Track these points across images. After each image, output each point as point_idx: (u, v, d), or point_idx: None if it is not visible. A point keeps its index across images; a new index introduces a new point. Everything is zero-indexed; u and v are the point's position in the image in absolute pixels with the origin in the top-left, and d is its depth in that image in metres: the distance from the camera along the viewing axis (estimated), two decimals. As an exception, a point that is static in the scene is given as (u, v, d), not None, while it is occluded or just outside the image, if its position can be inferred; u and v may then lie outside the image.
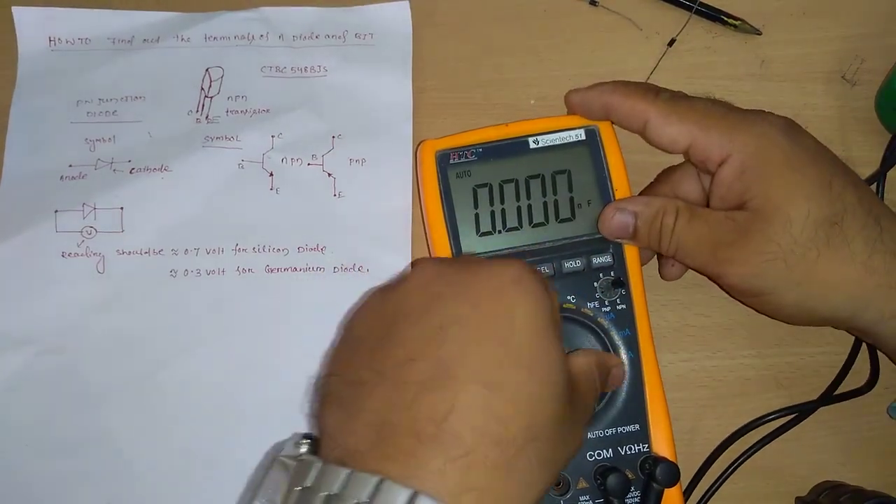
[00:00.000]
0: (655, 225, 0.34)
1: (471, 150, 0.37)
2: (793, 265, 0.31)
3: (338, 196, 0.41)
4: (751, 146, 0.32)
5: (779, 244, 0.31)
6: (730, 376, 0.39)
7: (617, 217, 0.35)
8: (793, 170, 0.32)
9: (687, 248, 0.34)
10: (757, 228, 0.32)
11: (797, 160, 0.32)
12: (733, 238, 0.32)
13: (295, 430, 0.37)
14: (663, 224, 0.34)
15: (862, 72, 0.42)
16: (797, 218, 0.31)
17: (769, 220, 0.31)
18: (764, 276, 0.32)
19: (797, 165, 0.32)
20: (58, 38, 0.44)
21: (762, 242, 0.31)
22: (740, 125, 0.33)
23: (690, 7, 0.43)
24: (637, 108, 0.34)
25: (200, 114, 0.43)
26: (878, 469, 0.37)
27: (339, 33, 0.44)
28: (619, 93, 0.35)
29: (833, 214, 0.31)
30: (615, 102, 0.35)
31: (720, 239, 0.33)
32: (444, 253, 0.36)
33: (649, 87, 0.35)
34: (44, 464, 0.38)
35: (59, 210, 0.41)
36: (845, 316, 0.32)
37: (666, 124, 0.33)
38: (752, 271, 0.32)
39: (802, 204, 0.31)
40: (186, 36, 0.44)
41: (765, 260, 0.32)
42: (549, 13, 0.44)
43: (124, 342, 0.39)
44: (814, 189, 0.31)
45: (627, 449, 0.35)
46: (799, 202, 0.31)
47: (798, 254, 0.31)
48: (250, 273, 0.40)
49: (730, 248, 0.32)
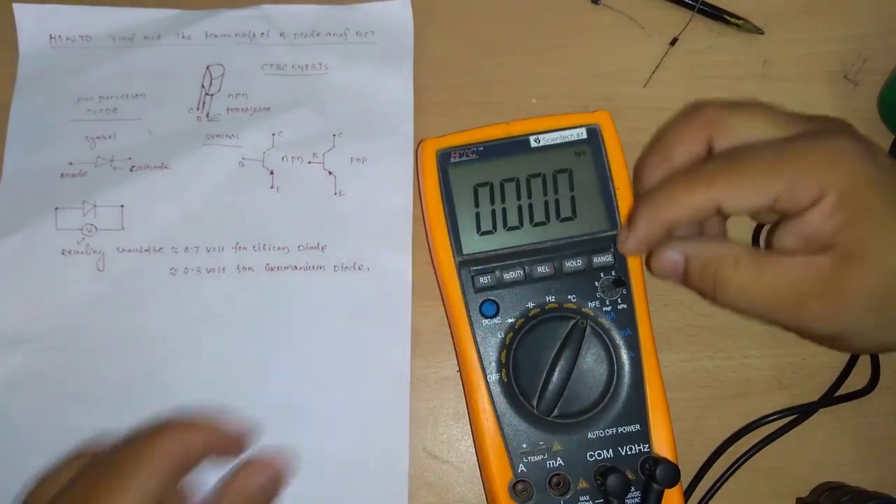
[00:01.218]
0: (708, 273, 0.30)
1: (472, 149, 0.37)
2: (885, 312, 0.29)
3: (338, 195, 0.41)
4: (842, 184, 0.28)
5: (874, 293, 0.28)
6: (731, 377, 0.39)
7: (668, 255, 0.31)
8: (886, 206, 0.28)
9: (755, 301, 0.30)
10: (850, 277, 0.28)
11: (889, 193, 0.28)
12: (820, 289, 0.28)
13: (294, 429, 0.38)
14: (718, 275, 0.30)
15: (864, 72, 0.42)
16: (893, 263, 0.28)
17: (864, 266, 0.28)
18: (854, 325, 0.29)
19: (889, 201, 0.28)
20: (58, 35, 0.44)
21: (856, 293, 0.28)
22: (824, 161, 0.28)
23: (693, 6, 0.43)
24: (698, 203, 0.29)
25: (201, 111, 0.43)
26: (880, 470, 0.37)
27: (340, 31, 0.44)
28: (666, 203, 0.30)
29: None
30: (673, 216, 0.30)
31: (803, 291, 0.29)
32: (444, 252, 0.36)
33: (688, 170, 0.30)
34: (42, 462, 0.38)
35: (60, 207, 0.41)
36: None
37: (739, 197, 0.29)
38: (843, 324, 0.29)
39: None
40: (187, 33, 0.44)
41: (857, 312, 0.28)
42: (551, 12, 0.44)
43: (124, 340, 0.39)
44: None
45: (628, 449, 0.34)
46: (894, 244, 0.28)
47: (891, 301, 0.28)
48: (250, 271, 0.40)
49: (817, 300, 0.28)
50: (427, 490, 0.38)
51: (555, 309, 0.36)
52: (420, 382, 0.39)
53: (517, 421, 0.35)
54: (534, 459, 0.34)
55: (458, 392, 0.39)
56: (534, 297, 0.36)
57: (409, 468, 0.37)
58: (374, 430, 0.38)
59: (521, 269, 0.36)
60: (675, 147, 0.32)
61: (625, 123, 0.39)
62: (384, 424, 0.38)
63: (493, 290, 0.36)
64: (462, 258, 0.36)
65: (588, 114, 0.38)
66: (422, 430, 0.39)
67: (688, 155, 0.32)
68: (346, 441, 0.38)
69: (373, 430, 0.38)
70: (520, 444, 0.35)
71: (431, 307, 0.40)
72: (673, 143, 0.32)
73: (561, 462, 0.34)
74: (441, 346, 0.39)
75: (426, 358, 0.39)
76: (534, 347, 0.35)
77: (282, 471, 0.29)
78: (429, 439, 0.39)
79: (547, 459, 0.34)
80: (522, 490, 0.34)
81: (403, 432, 0.38)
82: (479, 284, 0.36)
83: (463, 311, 0.36)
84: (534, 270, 0.36)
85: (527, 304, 0.36)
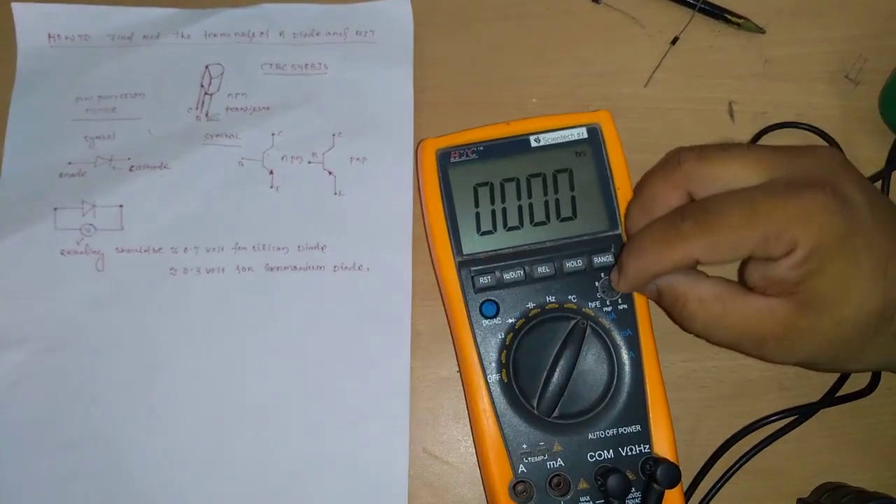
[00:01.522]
0: (677, 308, 0.33)
1: (472, 149, 0.37)
2: (839, 353, 0.31)
3: (338, 194, 0.41)
4: (811, 241, 0.29)
5: (829, 340, 0.30)
6: (732, 377, 0.39)
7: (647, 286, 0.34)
8: (849, 261, 0.30)
9: (719, 337, 0.32)
10: (807, 325, 0.30)
11: (853, 249, 0.30)
12: (779, 333, 0.31)
13: (293, 429, 0.38)
14: (685, 311, 0.32)
15: (865, 71, 0.42)
16: (849, 315, 0.30)
17: (820, 316, 0.30)
18: (811, 362, 0.32)
19: (853, 257, 0.30)
20: (57, 34, 0.44)
21: (811, 339, 0.31)
22: (795, 219, 0.29)
23: (693, 5, 0.43)
24: (678, 261, 0.31)
25: (200, 111, 0.42)
26: (880, 470, 0.37)
27: (339, 31, 0.44)
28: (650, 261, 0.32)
29: (885, 306, 0.30)
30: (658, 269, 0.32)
31: (762, 333, 0.31)
32: (444, 252, 0.36)
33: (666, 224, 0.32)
34: (42, 462, 0.38)
35: (59, 207, 0.41)
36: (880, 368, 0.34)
37: (715, 255, 0.31)
38: (796, 360, 0.32)
39: (855, 300, 0.30)
40: (186, 33, 0.43)
41: (811, 352, 0.31)
42: (552, 11, 0.44)
43: (123, 340, 0.39)
44: (868, 282, 0.30)
45: (628, 450, 0.34)
46: (852, 298, 0.30)
47: (846, 344, 0.31)
48: (250, 271, 0.40)
49: (775, 341, 0.31)
50: (427, 490, 0.38)
51: (555, 309, 0.36)
52: (420, 383, 0.39)
53: (517, 421, 0.35)
54: (534, 460, 0.34)
55: (458, 392, 0.39)
56: (534, 298, 0.36)
57: (409, 468, 0.37)
58: (374, 430, 0.38)
59: (521, 270, 0.36)
60: (656, 205, 0.33)
61: (625, 123, 0.39)
62: (384, 425, 0.38)
63: (493, 291, 0.36)
64: (462, 258, 0.36)
65: (588, 113, 0.38)
66: (422, 431, 0.39)
67: (668, 209, 0.33)
68: (346, 441, 0.38)
69: (373, 431, 0.38)
70: (520, 444, 0.34)
71: (431, 307, 0.40)
72: (654, 200, 0.34)
73: (561, 462, 0.34)
74: (441, 346, 0.39)
75: (426, 358, 0.39)
76: (534, 348, 0.35)
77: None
78: (429, 440, 0.39)
79: (547, 460, 0.34)
80: (523, 491, 0.34)
81: (403, 433, 0.38)
82: (479, 284, 0.36)
83: (463, 311, 0.36)
84: (534, 270, 0.36)
85: (527, 304, 0.36)
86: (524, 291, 0.36)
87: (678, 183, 0.33)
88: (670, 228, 0.32)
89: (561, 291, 0.36)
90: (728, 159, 0.32)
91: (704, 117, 0.42)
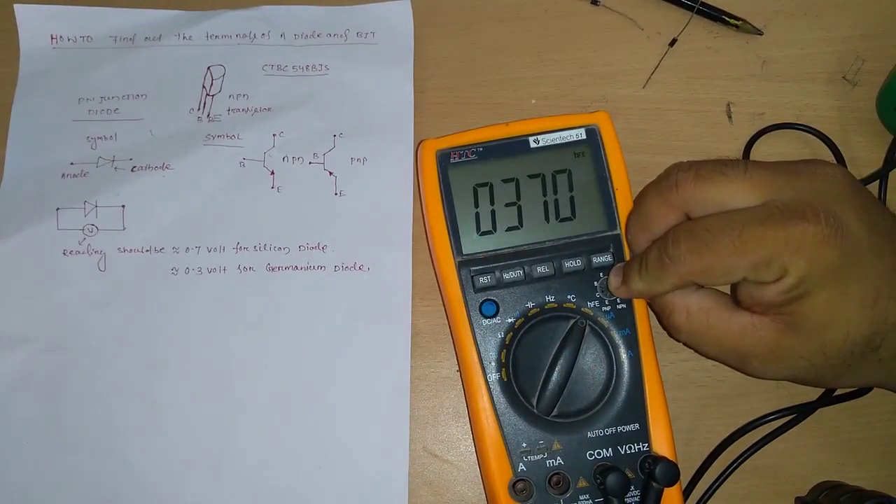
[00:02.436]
0: (664, 316, 0.34)
1: (471, 150, 0.37)
2: (823, 374, 0.31)
3: (339, 195, 0.41)
4: (800, 271, 0.29)
5: (811, 362, 0.31)
6: (730, 376, 0.39)
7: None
8: (838, 290, 0.29)
9: (704, 349, 0.33)
10: (790, 347, 0.31)
11: (844, 278, 0.29)
12: (762, 352, 0.31)
13: (294, 428, 0.38)
14: (671, 321, 0.33)
15: (863, 72, 0.42)
16: (834, 342, 0.30)
17: (804, 340, 0.30)
18: (793, 379, 0.33)
19: (843, 285, 0.29)
20: (59, 35, 0.44)
21: (794, 360, 0.31)
22: (786, 249, 0.29)
23: (692, 7, 0.43)
24: (678, 285, 0.32)
25: (202, 112, 0.43)
26: (878, 469, 0.37)
27: (340, 32, 0.44)
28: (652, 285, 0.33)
29: (872, 336, 0.30)
30: (658, 291, 0.33)
31: (746, 350, 0.32)
32: (444, 252, 0.37)
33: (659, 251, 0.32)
34: (44, 461, 0.38)
35: (61, 208, 0.41)
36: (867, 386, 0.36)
37: (710, 280, 0.31)
38: (783, 377, 0.33)
39: (842, 327, 0.30)
40: (188, 34, 0.44)
41: (794, 372, 0.32)
42: (551, 13, 0.44)
43: (125, 340, 0.39)
44: (856, 310, 0.30)
45: (627, 448, 0.35)
46: (839, 326, 0.30)
47: (829, 368, 0.31)
48: (251, 271, 0.40)
49: (757, 360, 0.32)
50: (427, 489, 0.38)
51: (554, 309, 0.36)
52: (420, 382, 0.39)
53: (517, 420, 0.35)
54: (533, 458, 0.34)
55: (458, 392, 0.39)
56: (533, 297, 0.36)
57: (410, 467, 0.37)
58: (374, 429, 0.38)
59: (520, 269, 0.36)
60: (654, 224, 0.34)
61: (624, 124, 0.39)
62: (384, 423, 0.38)
63: (492, 290, 0.36)
64: (462, 258, 0.36)
65: (587, 114, 0.38)
66: (422, 430, 0.39)
67: (666, 227, 0.33)
68: (347, 440, 0.38)
69: (373, 429, 0.38)
70: (519, 443, 0.35)
71: (431, 307, 0.40)
72: (651, 219, 0.34)
73: (561, 461, 0.34)
74: (441, 346, 0.40)
75: (426, 358, 0.40)
76: (533, 347, 0.35)
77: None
78: (429, 438, 0.39)
79: (547, 458, 0.34)
80: (522, 489, 0.34)
81: (403, 432, 0.38)
82: (478, 284, 0.36)
83: (463, 310, 0.36)
84: (533, 270, 0.36)
85: (526, 303, 0.36)
86: (523, 291, 0.36)
87: (675, 204, 0.33)
88: (664, 256, 0.32)
89: (560, 291, 0.36)
90: (724, 182, 0.31)
91: (703, 118, 0.42)
